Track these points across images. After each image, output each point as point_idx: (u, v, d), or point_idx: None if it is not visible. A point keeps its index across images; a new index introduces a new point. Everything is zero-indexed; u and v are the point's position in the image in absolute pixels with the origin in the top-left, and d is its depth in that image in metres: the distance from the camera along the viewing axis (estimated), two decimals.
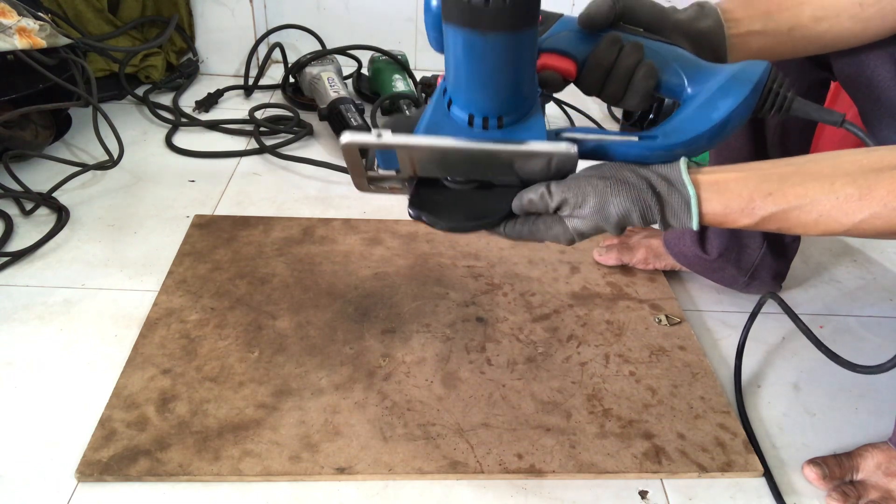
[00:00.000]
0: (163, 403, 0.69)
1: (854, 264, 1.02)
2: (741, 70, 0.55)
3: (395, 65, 1.38)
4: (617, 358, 0.79)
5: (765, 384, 0.79)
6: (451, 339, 0.80)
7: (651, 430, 0.70)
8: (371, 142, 0.53)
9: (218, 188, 1.09)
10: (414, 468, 0.65)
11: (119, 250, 0.92)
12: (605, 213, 0.52)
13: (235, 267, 0.89)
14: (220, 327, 0.79)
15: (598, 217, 0.52)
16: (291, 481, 0.64)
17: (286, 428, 0.67)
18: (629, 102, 0.56)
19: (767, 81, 0.55)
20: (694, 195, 0.51)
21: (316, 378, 0.73)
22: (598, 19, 0.54)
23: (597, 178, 0.53)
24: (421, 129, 0.54)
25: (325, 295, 0.85)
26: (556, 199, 0.52)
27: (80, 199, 1.02)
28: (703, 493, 0.66)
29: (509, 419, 0.70)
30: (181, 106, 1.33)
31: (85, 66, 1.08)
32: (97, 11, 1.32)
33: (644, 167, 0.53)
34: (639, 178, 0.52)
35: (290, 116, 1.29)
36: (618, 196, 0.51)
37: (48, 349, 0.76)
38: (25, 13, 1.02)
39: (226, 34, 1.48)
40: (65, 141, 1.18)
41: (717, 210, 0.51)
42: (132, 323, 0.80)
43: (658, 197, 0.51)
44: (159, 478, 0.62)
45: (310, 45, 1.48)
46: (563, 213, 0.53)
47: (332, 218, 1.01)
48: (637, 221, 0.52)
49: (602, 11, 0.54)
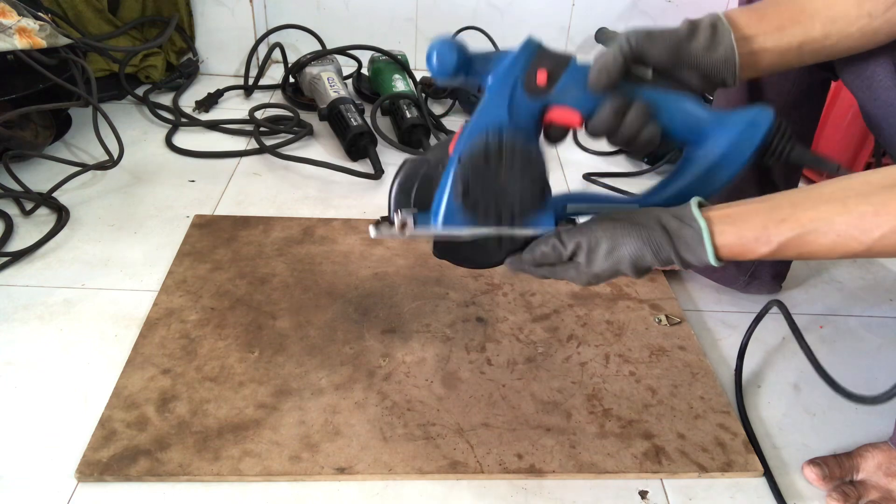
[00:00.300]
0: (163, 403, 0.69)
1: (854, 265, 1.02)
2: (748, 127, 0.56)
3: (395, 65, 1.38)
4: (617, 358, 0.79)
5: (765, 384, 0.79)
6: (451, 339, 0.80)
7: (651, 430, 0.70)
8: (395, 236, 0.56)
9: (218, 188, 1.09)
10: (414, 468, 0.65)
11: (119, 250, 0.92)
12: (617, 256, 0.53)
13: (235, 267, 0.89)
14: (220, 327, 0.79)
15: (612, 260, 0.53)
16: (291, 481, 0.64)
17: (286, 428, 0.67)
18: (633, 155, 0.58)
19: (772, 136, 0.57)
20: (705, 227, 0.51)
21: (316, 378, 0.73)
22: (610, 83, 0.54)
23: (608, 222, 0.54)
24: (438, 219, 0.56)
25: (325, 295, 0.85)
26: (569, 248, 0.54)
27: (80, 199, 1.02)
28: (703, 493, 0.66)
29: (509, 419, 0.70)
30: (181, 106, 1.33)
31: (85, 66, 1.08)
32: (97, 11, 1.32)
33: (656, 209, 0.55)
34: (649, 219, 0.53)
35: (290, 116, 1.29)
36: (628, 237, 0.52)
37: (48, 349, 0.76)
38: (25, 13, 1.02)
39: (226, 34, 1.48)
40: (65, 141, 1.18)
41: (731, 241, 0.52)
42: (132, 323, 0.80)
43: (668, 233, 0.52)
44: (159, 478, 0.62)
45: (310, 45, 1.48)
46: (577, 258, 0.54)
47: (332, 218, 1.01)
48: (652, 260, 0.53)
49: (613, 76, 0.54)
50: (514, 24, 1.54)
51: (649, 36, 0.56)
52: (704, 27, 0.57)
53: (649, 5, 1.54)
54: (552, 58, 0.54)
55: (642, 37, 0.55)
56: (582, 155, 1.28)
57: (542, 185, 0.55)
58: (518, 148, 0.52)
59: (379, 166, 1.14)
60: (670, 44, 0.56)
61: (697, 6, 1.54)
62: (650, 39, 0.55)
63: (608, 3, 1.53)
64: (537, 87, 0.54)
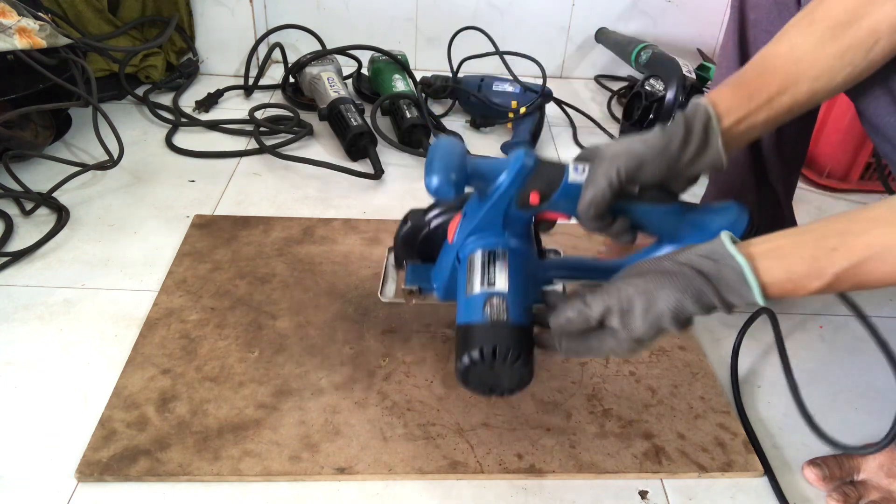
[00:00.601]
0: (163, 403, 0.69)
1: None
2: (721, 230, 0.62)
3: (395, 65, 1.38)
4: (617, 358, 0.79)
5: (765, 384, 0.79)
6: (451, 338, 0.80)
7: (651, 430, 0.70)
8: (403, 302, 0.72)
9: (218, 188, 1.09)
10: (414, 468, 0.65)
11: (119, 250, 0.92)
12: (656, 312, 0.48)
13: (235, 267, 0.89)
14: (220, 327, 0.79)
15: (651, 318, 0.48)
16: (291, 481, 0.64)
17: (286, 428, 0.67)
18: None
19: (748, 237, 0.60)
20: (746, 264, 0.47)
21: (316, 378, 0.73)
22: (598, 215, 0.56)
23: (635, 277, 0.50)
24: (440, 290, 0.68)
25: (325, 295, 0.85)
26: (597, 310, 0.50)
27: (80, 199, 1.02)
28: (703, 493, 0.66)
29: (509, 419, 0.70)
30: (181, 106, 1.33)
31: (85, 66, 1.08)
32: (97, 11, 1.32)
33: (681, 252, 0.51)
34: (678, 265, 0.49)
35: (290, 116, 1.29)
36: (663, 290, 0.48)
37: (48, 349, 0.76)
38: (25, 13, 1.02)
39: (226, 34, 1.48)
40: (65, 141, 1.18)
41: (780, 277, 0.47)
42: (132, 323, 0.80)
43: (705, 277, 0.48)
44: (159, 478, 0.62)
45: (310, 45, 1.48)
46: (611, 323, 0.50)
47: (332, 218, 1.01)
48: (694, 309, 0.48)
49: (601, 210, 0.56)
50: (514, 24, 1.54)
51: (640, 164, 0.55)
52: (697, 133, 0.57)
53: (649, 5, 1.54)
54: (544, 176, 0.59)
55: (633, 167, 0.55)
56: None
57: (530, 378, 0.58)
58: (513, 361, 0.56)
59: (379, 166, 1.14)
60: (661, 165, 0.56)
61: (697, 6, 1.54)
62: (640, 167, 0.56)
63: (608, 3, 1.53)
64: (529, 205, 0.60)
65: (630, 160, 0.55)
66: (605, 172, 0.55)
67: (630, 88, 1.45)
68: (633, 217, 0.61)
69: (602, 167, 0.56)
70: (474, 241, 0.63)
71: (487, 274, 0.61)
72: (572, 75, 1.64)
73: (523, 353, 0.57)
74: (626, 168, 0.55)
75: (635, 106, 1.22)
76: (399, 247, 0.73)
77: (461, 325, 0.60)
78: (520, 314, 0.59)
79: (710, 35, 1.58)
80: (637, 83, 1.23)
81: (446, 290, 0.69)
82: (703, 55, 1.53)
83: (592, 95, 1.55)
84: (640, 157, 0.56)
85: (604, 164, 0.56)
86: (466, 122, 1.36)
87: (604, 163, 0.56)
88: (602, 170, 0.56)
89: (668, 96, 1.15)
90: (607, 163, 0.56)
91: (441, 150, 0.60)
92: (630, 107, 1.25)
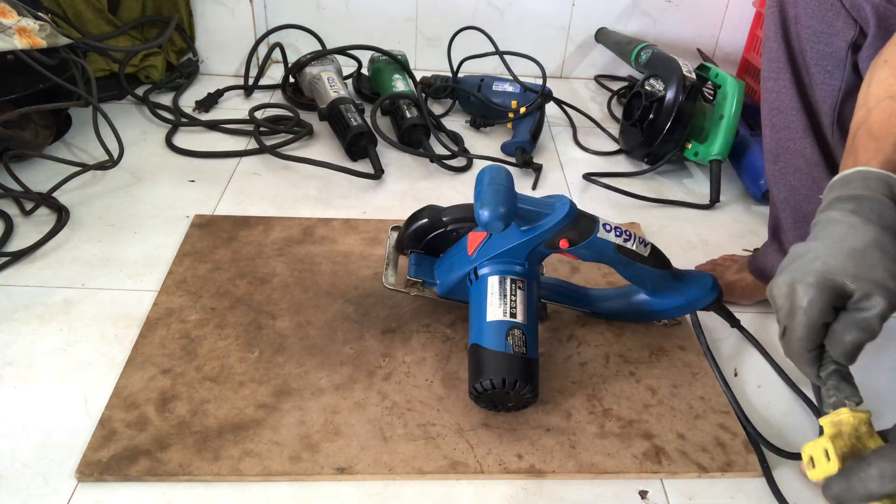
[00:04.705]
0: (163, 403, 0.69)
1: None
2: (695, 299, 0.77)
3: (395, 65, 1.38)
4: (617, 358, 0.79)
5: (765, 384, 0.79)
6: (451, 339, 0.80)
7: (651, 430, 0.70)
8: (404, 291, 0.77)
9: (218, 188, 1.09)
10: (414, 468, 0.65)
11: (119, 250, 0.92)
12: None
13: (235, 267, 0.89)
14: (220, 327, 0.79)
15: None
16: (291, 481, 0.64)
17: (286, 428, 0.67)
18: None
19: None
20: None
21: (316, 378, 0.73)
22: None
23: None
24: (442, 287, 0.76)
25: (325, 295, 0.85)
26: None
27: (79, 199, 1.02)
28: (703, 493, 0.66)
29: (509, 419, 0.70)
30: (181, 106, 1.33)
31: (85, 66, 1.08)
32: (97, 11, 1.32)
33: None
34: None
35: (290, 116, 1.29)
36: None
37: (48, 349, 0.76)
38: (25, 13, 1.02)
39: (226, 34, 1.48)
40: (65, 141, 1.18)
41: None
42: (132, 323, 0.80)
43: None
44: (159, 478, 0.62)
45: (310, 45, 1.48)
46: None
47: (332, 218, 1.01)
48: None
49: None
50: (514, 24, 1.54)
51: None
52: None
53: (649, 5, 1.54)
54: (578, 228, 0.68)
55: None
56: (582, 154, 1.28)
57: (534, 402, 0.69)
58: (524, 390, 0.65)
59: (379, 166, 1.14)
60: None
61: (697, 6, 1.54)
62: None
63: (608, 3, 1.53)
64: (557, 247, 0.69)
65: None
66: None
67: (630, 88, 1.45)
68: (628, 273, 0.73)
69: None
70: (497, 265, 0.71)
71: (509, 302, 0.68)
72: (572, 75, 1.64)
73: (533, 384, 0.65)
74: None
75: (635, 106, 1.22)
76: (409, 236, 0.78)
77: (480, 347, 0.66)
78: (535, 349, 0.68)
79: (710, 35, 1.58)
80: (637, 83, 1.23)
81: (448, 289, 0.75)
82: (703, 55, 1.53)
83: (592, 95, 1.55)
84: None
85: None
86: (466, 122, 1.36)
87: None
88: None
89: (667, 96, 1.15)
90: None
91: (492, 182, 0.64)
92: (630, 107, 1.25)
